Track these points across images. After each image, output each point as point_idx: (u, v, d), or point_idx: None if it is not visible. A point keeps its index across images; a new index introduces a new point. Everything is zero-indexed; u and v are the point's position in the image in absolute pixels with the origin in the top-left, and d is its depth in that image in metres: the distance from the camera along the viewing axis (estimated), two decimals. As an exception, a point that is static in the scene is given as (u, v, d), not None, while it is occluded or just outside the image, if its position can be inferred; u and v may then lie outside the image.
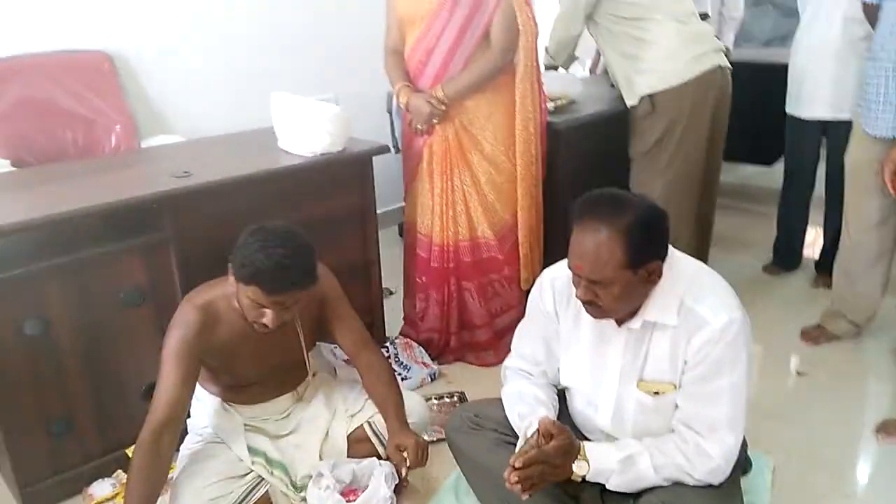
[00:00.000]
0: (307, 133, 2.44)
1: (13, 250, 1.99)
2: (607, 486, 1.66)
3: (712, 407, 1.60)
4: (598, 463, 1.64)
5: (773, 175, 4.22)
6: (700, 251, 3.09)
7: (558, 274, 1.81)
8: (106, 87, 2.99)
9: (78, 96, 2.89)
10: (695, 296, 1.61)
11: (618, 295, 1.57)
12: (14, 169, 2.61)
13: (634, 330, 1.66)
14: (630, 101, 2.85)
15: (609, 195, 1.62)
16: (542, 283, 1.85)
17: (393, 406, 2.04)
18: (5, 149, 2.72)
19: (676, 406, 1.66)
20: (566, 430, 1.66)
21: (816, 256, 3.47)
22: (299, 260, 1.77)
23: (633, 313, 1.65)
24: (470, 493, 2.01)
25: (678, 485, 1.63)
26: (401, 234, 4.02)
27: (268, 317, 1.81)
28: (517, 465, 1.59)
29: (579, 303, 1.68)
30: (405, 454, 1.95)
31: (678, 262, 1.65)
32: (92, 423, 2.14)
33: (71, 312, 2.03)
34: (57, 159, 2.76)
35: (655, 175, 2.85)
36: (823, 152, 3.31)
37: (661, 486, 1.64)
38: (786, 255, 3.57)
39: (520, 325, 1.95)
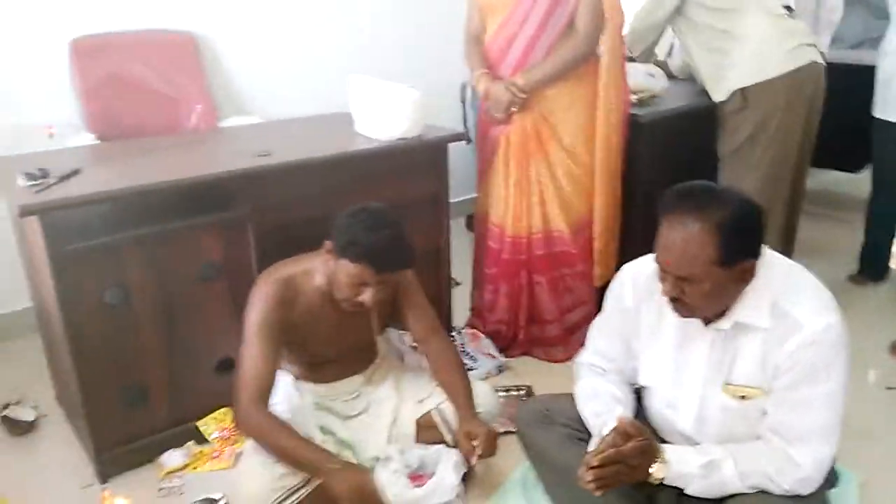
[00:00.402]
0: (385, 117, 2.42)
1: (97, 220, 2.04)
2: (686, 492, 1.60)
3: (805, 415, 1.52)
4: (678, 466, 1.57)
5: (858, 182, 4.05)
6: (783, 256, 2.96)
7: (640, 269, 1.75)
8: (189, 68, 3.04)
9: (163, 75, 2.96)
10: (789, 297, 1.53)
11: (707, 293, 1.50)
12: (99, 143, 2.68)
13: (722, 331, 1.59)
14: (718, 97, 2.74)
15: (702, 187, 1.55)
16: (623, 278, 1.79)
17: (463, 394, 2.02)
18: (92, 123, 2.80)
19: (764, 412, 1.59)
20: (645, 431, 1.60)
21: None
22: (406, 241, 1.83)
23: (721, 313, 1.58)
24: (537, 487, 1.98)
25: (763, 494, 1.55)
26: (468, 226, 4.01)
27: (367, 295, 1.83)
28: (594, 463, 1.54)
29: (662, 300, 1.61)
30: (475, 443, 1.91)
31: (771, 261, 1.57)
32: (165, 394, 2.18)
33: (150, 283, 2.06)
34: (139, 136, 2.82)
35: (744, 174, 2.73)
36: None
37: (745, 494, 1.57)
38: (873, 265, 3.41)
39: (596, 321, 1.90)
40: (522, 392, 2.55)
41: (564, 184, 2.62)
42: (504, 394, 2.52)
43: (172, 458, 2.17)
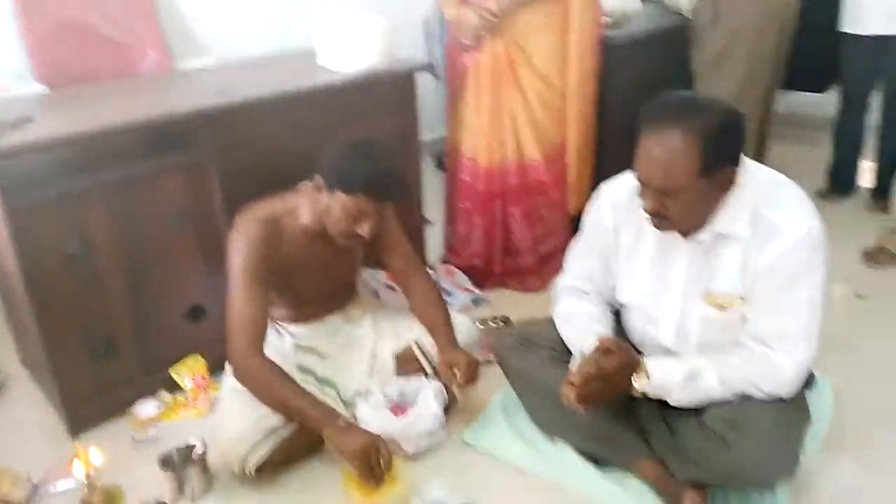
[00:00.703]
0: (350, 47, 2.34)
1: (54, 168, 1.95)
2: (669, 402, 1.60)
3: (785, 319, 1.52)
4: (660, 378, 1.58)
5: (823, 102, 4.05)
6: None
7: (617, 187, 1.73)
8: (141, 11, 2.90)
9: (113, 20, 2.81)
10: (769, 203, 1.51)
11: (689, 205, 1.48)
12: (50, 92, 2.57)
13: (702, 242, 1.57)
14: (689, 7, 2.69)
15: (681, 97, 1.52)
16: (601, 197, 1.77)
17: (442, 325, 2.01)
18: (41, 73, 2.67)
19: (744, 320, 1.59)
20: (625, 346, 1.60)
21: (871, 183, 3.34)
22: (397, 173, 1.85)
23: (699, 225, 1.56)
24: (519, 410, 1.99)
25: (744, 399, 1.56)
26: (437, 166, 3.96)
27: (365, 226, 1.81)
28: (575, 381, 1.54)
29: (641, 217, 1.59)
30: (456, 371, 1.90)
31: (750, 170, 1.55)
32: (134, 344, 2.12)
33: (111, 231, 1.99)
34: (91, 84, 2.70)
35: (718, 90, 2.70)
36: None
37: (726, 401, 1.58)
38: (841, 181, 3.44)
39: (574, 243, 1.88)
40: (500, 323, 2.54)
41: (537, 110, 2.56)
42: (482, 325, 2.51)
43: (145, 408, 2.13)
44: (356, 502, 1.73)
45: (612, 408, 1.78)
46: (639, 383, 1.58)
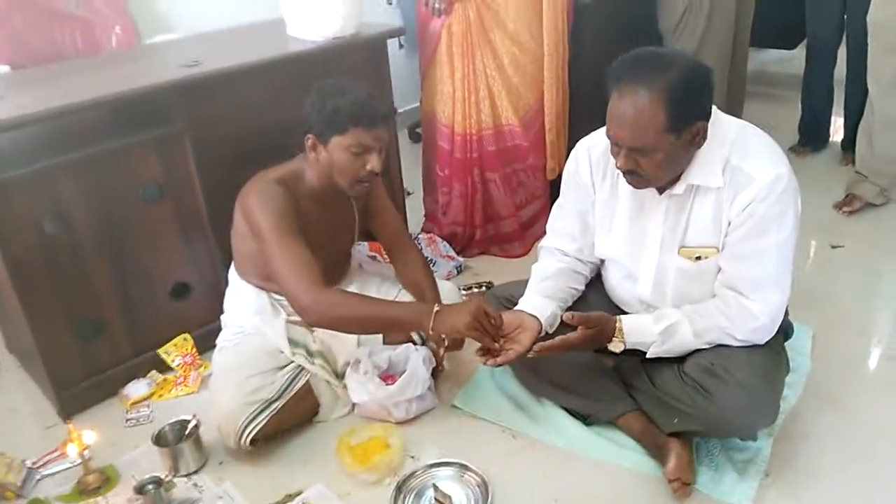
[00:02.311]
0: (318, 16, 2.31)
1: (26, 146, 1.92)
2: (647, 355, 1.64)
3: (757, 265, 1.55)
4: (635, 337, 1.62)
5: (794, 59, 4.09)
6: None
7: (595, 143, 1.73)
8: (103, -15, 2.84)
9: (75, -4, 2.76)
10: (740, 154, 1.52)
11: (661, 161, 1.49)
12: (13, 71, 2.51)
13: (676, 196, 1.59)
14: None
15: (648, 53, 1.51)
16: (578, 153, 1.77)
17: (430, 291, 2.03)
18: (3, 52, 2.61)
19: (719, 270, 1.61)
20: (596, 320, 1.62)
21: (842, 136, 3.40)
22: (375, 95, 1.82)
23: (674, 179, 1.58)
24: (506, 374, 2.01)
25: (722, 347, 1.60)
26: (411, 137, 3.95)
27: (373, 159, 1.80)
28: (533, 350, 1.63)
29: (617, 172, 1.61)
30: (443, 335, 1.92)
31: (721, 122, 1.56)
32: (121, 324, 2.11)
33: (90, 209, 1.96)
34: (56, 62, 2.65)
35: (683, 49, 2.72)
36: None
37: (705, 349, 1.61)
38: (812, 135, 3.49)
39: (557, 202, 1.89)
40: (484, 288, 2.55)
41: (511, 74, 2.56)
42: (466, 291, 2.53)
43: (136, 388, 2.13)
44: (350, 469, 1.75)
45: (597, 365, 1.82)
46: (614, 346, 1.63)
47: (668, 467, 1.63)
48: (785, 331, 1.74)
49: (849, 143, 3.30)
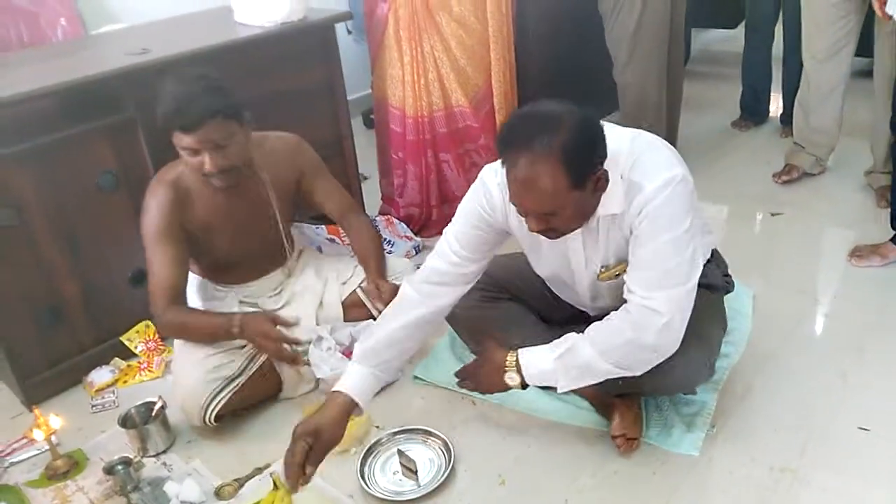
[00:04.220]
0: (265, 1, 2.33)
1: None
2: (559, 389, 1.58)
3: (655, 265, 1.50)
4: (532, 368, 1.57)
5: (737, 39, 4.21)
6: (671, 110, 3.10)
7: (503, 180, 1.51)
8: (46, -23, 2.81)
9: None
10: (632, 167, 1.50)
11: (571, 216, 1.47)
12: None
13: (591, 229, 1.59)
14: None
15: (532, 115, 1.45)
16: (488, 186, 1.62)
17: (373, 258, 2.08)
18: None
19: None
20: (479, 361, 1.67)
21: (780, 110, 3.53)
22: (200, 89, 1.71)
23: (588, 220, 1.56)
24: (465, 347, 2.07)
25: (639, 362, 1.54)
26: (366, 123, 3.98)
27: (207, 160, 1.75)
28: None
29: None
30: (381, 290, 2.00)
31: (613, 147, 1.49)
32: (82, 312, 2.12)
33: (44, 200, 1.97)
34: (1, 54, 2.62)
35: (625, 29, 2.81)
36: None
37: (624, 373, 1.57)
38: (752, 110, 3.62)
39: (450, 226, 1.73)
40: (442, 267, 2.61)
41: (459, 56, 2.61)
42: (424, 270, 2.59)
43: (100, 375, 2.15)
44: (316, 441, 1.80)
45: (546, 333, 1.88)
46: (510, 379, 1.58)
47: (613, 425, 1.72)
48: (725, 286, 1.83)
49: (787, 116, 3.42)
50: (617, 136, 1.52)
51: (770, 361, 2.00)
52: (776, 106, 3.61)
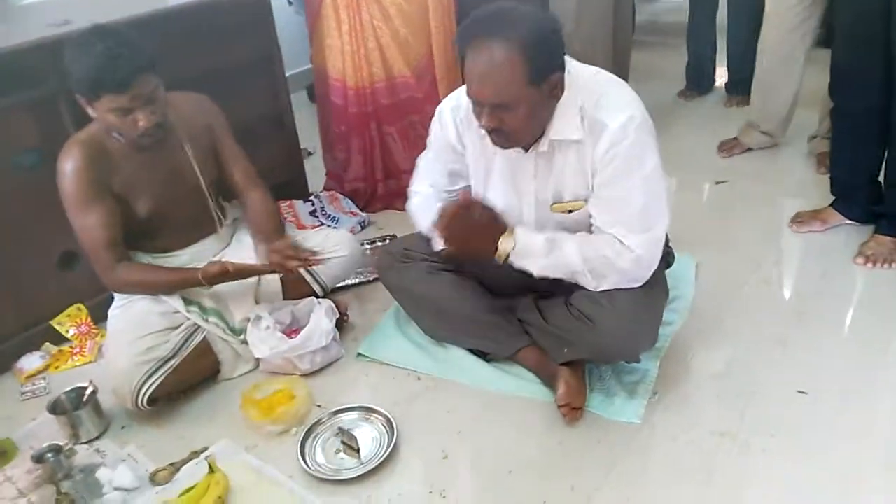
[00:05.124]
0: (196, -30, 2.25)
1: None
2: (534, 272, 1.64)
3: (627, 205, 1.57)
4: (524, 239, 1.62)
5: (682, 9, 4.22)
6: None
7: (458, 104, 1.73)
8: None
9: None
10: (594, 102, 1.54)
11: (524, 116, 1.49)
12: None
13: (542, 153, 1.61)
14: None
15: (496, 10, 1.49)
16: (443, 114, 1.76)
17: (272, 231, 1.99)
18: None
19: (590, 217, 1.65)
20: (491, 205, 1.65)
21: (726, 79, 3.55)
22: (124, 43, 1.65)
23: (537, 136, 1.59)
24: (410, 321, 2.05)
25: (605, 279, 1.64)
26: (310, 98, 3.90)
27: (141, 116, 1.70)
28: (442, 217, 1.60)
29: (482, 135, 1.61)
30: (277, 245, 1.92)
31: (575, 72, 1.56)
32: (8, 298, 2.04)
33: (-38, 179, 1.88)
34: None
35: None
36: None
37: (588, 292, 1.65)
38: (697, 79, 3.63)
39: (421, 158, 1.87)
40: (388, 242, 2.58)
41: (399, 24, 2.55)
42: (370, 246, 2.55)
43: (30, 361, 2.07)
44: (255, 421, 1.76)
45: (493, 306, 1.88)
46: (504, 244, 1.62)
47: (558, 394, 1.71)
48: (665, 259, 1.83)
49: (732, 85, 3.47)
50: (579, 65, 1.58)
51: (712, 328, 2.01)
52: (721, 75, 3.62)
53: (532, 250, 1.63)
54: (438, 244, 1.71)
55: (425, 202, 1.85)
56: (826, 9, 2.60)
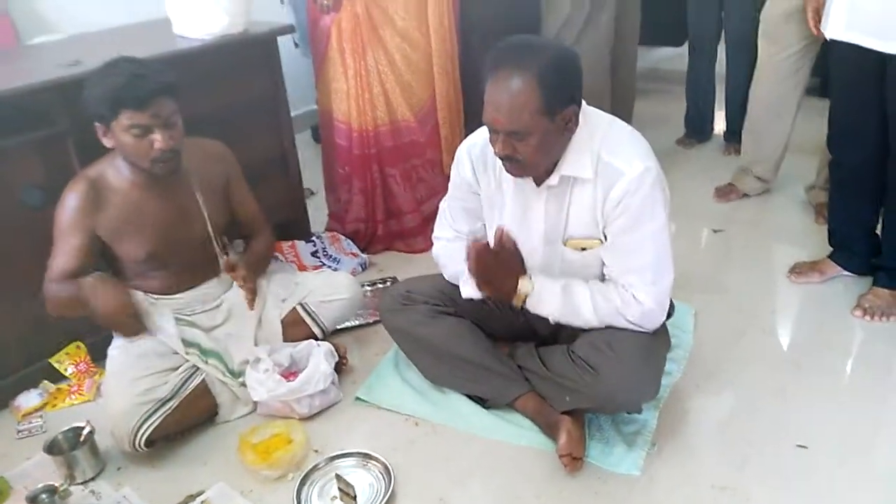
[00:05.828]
0: (201, 13, 2.29)
1: None
2: (549, 317, 1.68)
3: (638, 256, 1.63)
4: (541, 284, 1.66)
5: (682, 57, 4.30)
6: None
7: (474, 141, 1.79)
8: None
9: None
10: (610, 148, 1.60)
11: (536, 146, 1.54)
12: None
13: (553, 187, 1.65)
14: None
15: (518, 41, 1.57)
16: (460, 153, 1.83)
17: (258, 270, 2.10)
18: None
19: (601, 260, 1.69)
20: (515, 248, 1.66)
21: (724, 127, 3.59)
22: (147, 67, 1.76)
23: (549, 168, 1.64)
24: (409, 365, 2.05)
25: (608, 327, 1.68)
26: (315, 138, 3.94)
27: (158, 138, 1.74)
28: (470, 251, 1.62)
29: (499, 169, 1.66)
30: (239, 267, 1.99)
31: (592, 116, 1.63)
32: (8, 334, 2.03)
33: (-31, 215, 1.89)
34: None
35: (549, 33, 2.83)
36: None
37: (595, 329, 1.69)
38: (697, 127, 3.68)
39: (444, 200, 1.92)
40: (388, 284, 2.59)
41: (404, 70, 2.59)
42: (371, 287, 2.56)
43: (27, 399, 2.06)
44: (252, 465, 1.75)
45: (493, 353, 1.88)
46: (523, 285, 1.65)
47: (560, 444, 1.71)
48: (668, 311, 1.84)
49: (730, 134, 3.50)
50: (595, 112, 1.65)
51: (710, 378, 2.01)
52: (720, 123, 3.67)
53: (548, 296, 1.66)
54: (466, 290, 1.74)
55: (450, 247, 1.87)
56: (819, 58, 2.65)
